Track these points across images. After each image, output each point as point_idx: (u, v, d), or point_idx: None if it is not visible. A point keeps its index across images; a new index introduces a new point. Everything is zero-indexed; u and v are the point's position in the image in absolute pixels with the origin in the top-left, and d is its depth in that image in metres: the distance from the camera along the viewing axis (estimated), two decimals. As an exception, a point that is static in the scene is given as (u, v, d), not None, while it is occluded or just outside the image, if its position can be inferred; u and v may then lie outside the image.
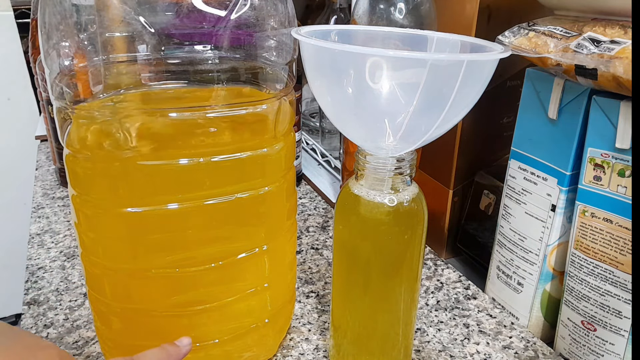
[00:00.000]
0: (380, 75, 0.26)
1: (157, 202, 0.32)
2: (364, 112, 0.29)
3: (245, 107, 0.33)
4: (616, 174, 0.36)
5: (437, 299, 0.50)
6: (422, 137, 0.30)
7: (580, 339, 0.41)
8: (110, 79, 0.32)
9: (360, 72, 0.27)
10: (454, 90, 0.26)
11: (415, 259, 0.34)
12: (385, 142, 0.30)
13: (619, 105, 0.35)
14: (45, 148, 0.88)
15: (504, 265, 0.47)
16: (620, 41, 0.33)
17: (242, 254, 0.36)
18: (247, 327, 0.38)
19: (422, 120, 0.29)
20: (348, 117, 0.31)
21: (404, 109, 0.27)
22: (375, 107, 0.28)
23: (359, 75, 0.27)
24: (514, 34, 0.40)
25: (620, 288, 0.37)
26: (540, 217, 0.43)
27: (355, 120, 0.31)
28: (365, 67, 0.26)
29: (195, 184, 0.33)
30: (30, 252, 0.57)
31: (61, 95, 0.31)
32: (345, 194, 0.34)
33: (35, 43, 0.66)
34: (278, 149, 0.36)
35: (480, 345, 0.44)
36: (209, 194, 0.33)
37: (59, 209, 0.66)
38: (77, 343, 0.43)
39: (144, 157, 0.31)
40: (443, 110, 0.28)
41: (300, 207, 0.68)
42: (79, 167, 0.32)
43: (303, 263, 0.55)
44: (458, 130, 0.52)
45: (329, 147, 0.80)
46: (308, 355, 0.42)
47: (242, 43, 0.33)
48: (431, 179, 0.57)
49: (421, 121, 0.29)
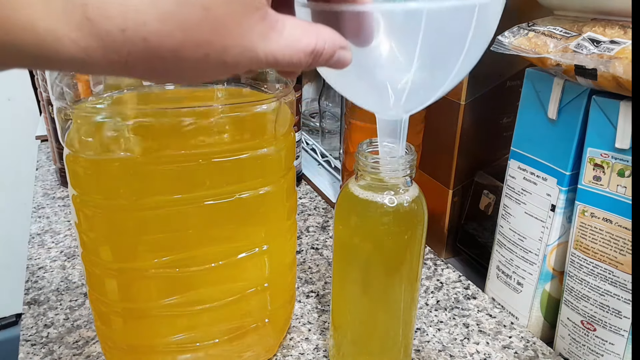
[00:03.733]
0: (379, 30, 0.25)
1: (157, 202, 0.32)
2: (367, 74, 0.28)
3: (245, 108, 0.33)
4: (616, 174, 0.36)
5: (437, 299, 0.50)
6: (430, 95, 0.28)
7: (580, 338, 0.41)
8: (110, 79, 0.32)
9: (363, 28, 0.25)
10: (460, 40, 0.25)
11: (415, 259, 0.34)
12: (392, 101, 0.29)
13: (619, 105, 0.35)
14: (46, 148, 0.88)
15: (503, 265, 0.47)
16: (620, 41, 0.33)
17: (242, 254, 0.36)
18: (247, 327, 0.38)
19: (425, 78, 0.28)
20: (353, 78, 0.29)
21: (406, 66, 0.26)
22: (379, 64, 0.27)
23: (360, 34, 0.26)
24: (513, 34, 0.40)
25: (620, 288, 0.37)
26: (539, 217, 0.43)
27: (360, 80, 0.30)
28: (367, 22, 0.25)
29: (195, 184, 0.33)
30: (31, 252, 0.57)
31: (61, 95, 0.31)
32: (345, 194, 0.34)
33: (35, 43, 0.65)
34: (278, 149, 0.36)
35: (480, 345, 0.44)
36: (209, 194, 0.33)
37: (59, 209, 0.66)
38: (78, 343, 0.43)
39: (144, 157, 0.31)
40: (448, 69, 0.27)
41: (300, 207, 0.68)
42: (79, 167, 0.32)
43: (303, 263, 0.55)
44: (458, 130, 0.52)
45: (329, 147, 0.80)
46: (308, 355, 0.42)
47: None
48: (431, 179, 0.57)
49: (425, 79, 0.28)
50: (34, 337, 0.44)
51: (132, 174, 0.31)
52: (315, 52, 0.22)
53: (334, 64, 0.23)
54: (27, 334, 0.44)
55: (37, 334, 0.44)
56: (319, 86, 0.86)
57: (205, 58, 0.19)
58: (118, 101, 0.32)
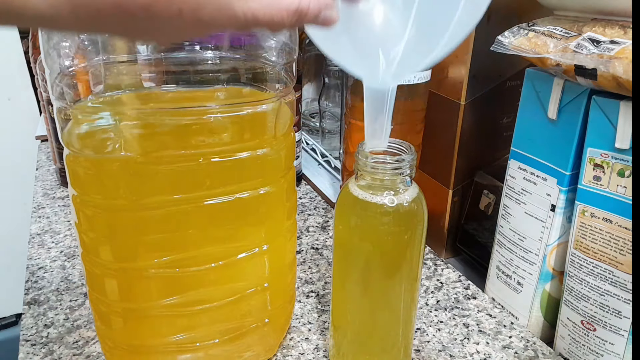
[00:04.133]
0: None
1: (157, 202, 0.32)
2: (358, 37, 0.27)
3: (245, 108, 0.33)
4: (616, 174, 0.36)
5: (437, 299, 0.50)
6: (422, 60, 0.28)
7: (580, 338, 0.41)
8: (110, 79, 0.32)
9: None
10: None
11: (415, 259, 0.34)
12: (382, 65, 0.28)
13: (619, 105, 0.35)
14: (46, 148, 0.88)
15: (503, 265, 0.47)
16: (620, 41, 0.33)
17: (242, 254, 0.36)
18: (247, 327, 0.38)
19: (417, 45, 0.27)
20: (344, 41, 0.29)
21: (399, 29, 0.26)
22: (370, 26, 0.26)
23: None
24: (513, 34, 0.40)
25: (620, 288, 0.37)
26: (539, 217, 0.43)
27: (350, 44, 0.29)
28: None
29: (195, 184, 0.33)
30: (31, 252, 0.57)
31: (61, 95, 0.31)
32: (345, 194, 0.34)
33: (35, 43, 0.66)
34: (278, 149, 0.36)
35: (480, 345, 0.44)
36: (209, 194, 0.33)
37: (59, 209, 0.66)
38: (78, 343, 0.43)
39: (144, 157, 0.31)
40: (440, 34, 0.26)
41: (300, 207, 0.68)
42: (79, 167, 0.32)
43: (303, 263, 0.55)
44: (458, 130, 0.52)
45: (329, 147, 0.80)
46: (308, 355, 0.42)
47: (243, 43, 0.33)
48: (431, 179, 0.57)
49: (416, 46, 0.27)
50: (34, 337, 0.44)
51: (132, 174, 0.31)
52: (299, 11, 0.21)
53: (321, 22, 0.22)
54: (27, 334, 0.44)
55: (37, 334, 0.44)
56: (319, 86, 0.86)
57: (178, 14, 0.18)
58: (118, 101, 0.32)
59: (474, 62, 0.49)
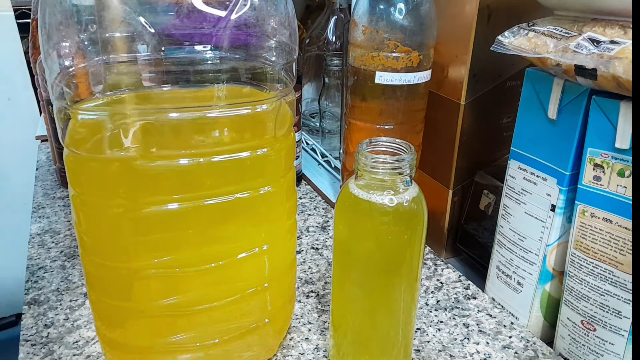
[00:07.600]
0: None
1: (157, 202, 0.32)
2: None
3: (245, 107, 0.33)
4: (616, 174, 0.36)
5: (437, 299, 0.50)
6: None
7: (580, 338, 0.41)
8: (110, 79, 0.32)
9: None
10: None
11: (415, 259, 0.34)
12: None
13: (619, 105, 0.35)
14: (46, 148, 0.88)
15: (503, 265, 0.47)
16: (620, 41, 0.33)
17: (242, 254, 0.36)
18: (247, 327, 0.38)
19: None
20: None
21: None
22: None
23: None
24: (513, 34, 0.40)
25: (620, 288, 0.37)
26: (539, 217, 0.43)
27: None
28: None
29: (195, 184, 0.33)
30: (31, 252, 0.57)
31: (61, 95, 0.31)
32: (345, 194, 0.34)
33: (35, 43, 0.66)
34: (278, 149, 0.36)
35: (480, 345, 0.44)
36: (209, 194, 0.33)
37: (59, 209, 0.66)
38: (78, 343, 0.43)
39: (144, 157, 0.31)
40: None
41: (300, 207, 0.68)
42: (79, 167, 0.32)
43: (303, 263, 0.55)
44: (458, 130, 0.52)
45: (329, 147, 0.80)
46: (308, 355, 0.42)
47: (242, 43, 0.33)
48: (431, 179, 0.57)
49: None
50: (34, 337, 0.44)
51: (132, 174, 0.31)
52: None
53: None
54: (27, 334, 0.44)
55: (37, 334, 0.44)
56: (319, 86, 0.86)
57: None
58: (118, 101, 0.32)
59: (474, 62, 0.49)
